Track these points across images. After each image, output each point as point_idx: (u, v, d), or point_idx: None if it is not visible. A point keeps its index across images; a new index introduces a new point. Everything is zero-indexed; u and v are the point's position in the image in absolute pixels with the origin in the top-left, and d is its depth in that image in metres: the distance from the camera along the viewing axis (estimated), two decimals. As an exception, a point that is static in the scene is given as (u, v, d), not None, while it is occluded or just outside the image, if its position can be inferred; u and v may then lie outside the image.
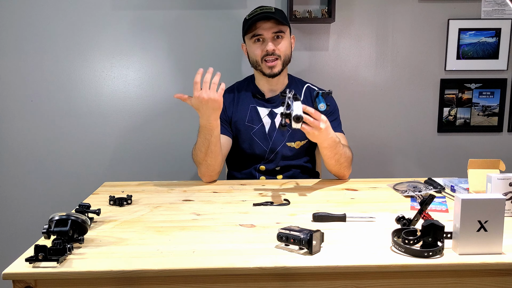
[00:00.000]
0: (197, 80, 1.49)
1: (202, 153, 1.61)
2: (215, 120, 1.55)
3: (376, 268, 0.97)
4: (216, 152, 1.62)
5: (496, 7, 2.20)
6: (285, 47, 1.74)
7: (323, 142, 1.55)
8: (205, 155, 1.61)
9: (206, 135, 1.58)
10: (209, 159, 1.62)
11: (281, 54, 1.73)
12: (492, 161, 1.47)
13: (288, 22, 1.77)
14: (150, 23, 2.17)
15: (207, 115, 1.53)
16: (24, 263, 0.96)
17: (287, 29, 1.76)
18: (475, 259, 0.98)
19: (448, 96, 2.27)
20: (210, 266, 0.96)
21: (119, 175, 2.25)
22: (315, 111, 1.46)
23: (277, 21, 1.70)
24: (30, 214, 2.26)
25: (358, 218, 1.24)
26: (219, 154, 1.64)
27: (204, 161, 1.63)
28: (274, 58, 1.71)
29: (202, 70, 1.49)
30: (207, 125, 1.56)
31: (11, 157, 2.23)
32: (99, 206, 1.32)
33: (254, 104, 1.81)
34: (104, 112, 2.23)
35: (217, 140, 1.61)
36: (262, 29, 1.71)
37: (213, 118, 1.54)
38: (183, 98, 1.53)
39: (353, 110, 2.26)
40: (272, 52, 1.71)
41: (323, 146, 1.57)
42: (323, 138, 1.52)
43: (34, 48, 2.16)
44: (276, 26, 1.71)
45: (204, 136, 1.59)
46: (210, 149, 1.60)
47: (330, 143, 1.56)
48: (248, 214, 1.31)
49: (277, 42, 1.72)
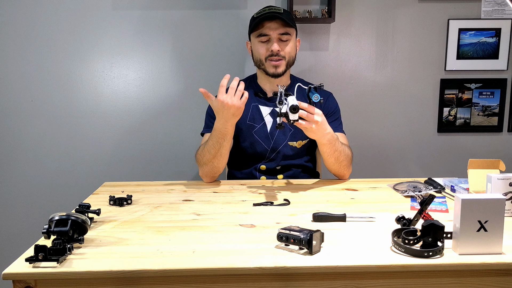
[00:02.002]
0: (223, 83, 1.51)
1: (211, 155, 1.62)
2: (231, 126, 1.58)
3: (376, 268, 0.97)
4: (224, 155, 1.64)
5: (496, 7, 2.20)
6: (290, 49, 1.74)
7: (321, 138, 1.55)
8: (213, 157, 1.62)
9: (219, 138, 1.59)
10: (216, 161, 1.63)
11: (285, 55, 1.73)
12: (492, 161, 1.47)
13: (295, 25, 1.76)
14: (150, 23, 2.17)
15: (225, 120, 1.55)
16: (24, 263, 0.96)
17: (293, 31, 1.75)
18: (475, 259, 0.98)
19: (448, 96, 2.27)
20: (210, 266, 0.96)
21: (119, 175, 2.25)
22: (309, 105, 1.47)
23: (284, 22, 1.69)
24: (30, 214, 2.26)
25: (358, 218, 1.24)
26: (226, 157, 1.66)
27: (210, 163, 1.64)
28: (278, 59, 1.71)
29: (229, 76, 1.52)
30: (222, 129, 1.57)
31: (11, 157, 2.23)
32: (99, 206, 1.32)
33: (256, 103, 1.81)
34: (104, 112, 2.23)
35: (228, 145, 1.63)
36: (269, 28, 1.70)
37: (230, 123, 1.57)
38: (207, 96, 1.54)
39: (353, 110, 2.26)
40: (276, 53, 1.71)
41: (322, 142, 1.57)
42: (321, 133, 1.52)
43: (34, 48, 2.16)
44: (283, 27, 1.70)
45: (217, 140, 1.60)
46: (220, 152, 1.61)
47: (328, 139, 1.56)
48: (248, 214, 1.31)
49: (282, 44, 1.72)
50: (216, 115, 1.57)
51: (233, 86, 1.52)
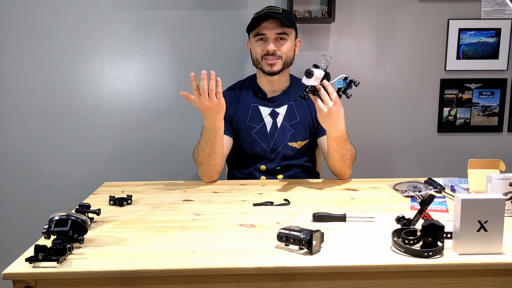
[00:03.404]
0: (194, 87, 1.48)
1: (205, 153, 1.61)
2: (219, 121, 1.56)
3: (376, 268, 0.97)
4: (218, 152, 1.62)
5: (496, 7, 2.20)
6: (287, 49, 1.73)
7: (330, 129, 1.54)
8: (207, 156, 1.61)
9: (210, 135, 1.58)
10: (211, 159, 1.62)
11: (282, 55, 1.72)
12: (492, 161, 1.47)
13: (294, 25, 1.76)
14: (151, 23, 2.17)
15: (212, 118, 1.54)
16: (24, 263, 0.96)
17: (291, 32, 1.75)
18: (475, 259, 0.98)
19: (448, 96, 2.27)
20: (210, 266, 0.96)
21: (119, 175, 2.25)
22: (331, 87, 1.49)
23: (281, 22, 1.69)
24: (30, 214, 2.26)
25: (358, 218, 1.24)
26: (221, 154, 1.64)
27: (206, 161, 1.63)
28: (274, 58, 1.71)
29: (194, 75, 1.47)
30: (212, 126, 1.56)
31: (11, 157, 2.23)
32: (99, 206, 1.32)
33: (255, 104, 1.80)
34: (104, 112, 2.23)
35: (220, 141, 1.61)
36: (266, 28, 1.70)
37: (217, 119, 1.55)
38: (188, 98, 1.51)
39: (353, 110, 2.26)
40: (272, 53, 1.71)
41: (331, 136, 1.57)
42: (332, 123, 1.51)
43: (34, 48, 2.16)
44: (280, 27, 1.70)
45: (208, 137, 1.59)
46: (213, 149, 1.60)
47: (338, 134, 1.56)
48: (248, 214, 1.31)
49: (279, 43, 1.72)
50: (202, 114, 1.55)
51: (204, 88, 1.47)
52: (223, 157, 1.67)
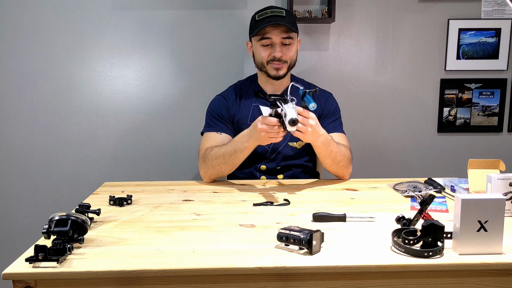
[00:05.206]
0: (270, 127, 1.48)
1: (225, 163, 1.63)
2: (253, 145, 1.60)
3: (376, 268, 0.97)
4: (235, 166, 1.66)
5: (496, 7, 2.20)
6: (292, 53, 1.73)
7: (315, 141, 1.55)
8: (224, 164, 1.64)
9: (244, 153, 1.61)
10: (225, 167, 1.65)
11: (287, 60, 1.72)
12: (492, 161, 1.47)
13: (297, 27, 1.75)
14: (151, 23, 2.17)
15: (259, 143, 1.58)
16: (24, 263, 0.96)
17: (296, 35, 1.74)
18: (475, 259, 0.98)
19: (448, 96, 2.27)
20: (210, 266, 0.96)
21: (119, 175, 2.25)
22: (303, 109, 1.45)
23: (287, 28, 1.68)
24: (30, 214, 2.26)
25: (358, 218, 1.24)
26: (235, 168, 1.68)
27: (219, 167, 1.65)
28: (280, 63, 1.71)
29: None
30: (252, 148, 1.60)
31: (11, 157, 2.23)
32: (99, 206, 1.32)
33: (256, 103, 1.80)
34: (104, 112, 2.23)
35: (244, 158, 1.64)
36: (271, 33, 1.69)
37: (254, 143, 1.58)
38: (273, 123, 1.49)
39: (353, 110, 2.26)
40: (279, 58, 1.70)
41: (316, 145, 1.58)
42: (315, 136, 1.52)
43: (34, 48, 2.16)
44: (286, 32, 1.69)
45: (241, 152, 1.60)
46: (234, 163, 1.64)
47: (322, 141, 1.56)
48: (248, 214, 1.31)
49: (285, 48, 1.71)
50: (256, 139, 1.54)
51: (272, 130, 1.47)
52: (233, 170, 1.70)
